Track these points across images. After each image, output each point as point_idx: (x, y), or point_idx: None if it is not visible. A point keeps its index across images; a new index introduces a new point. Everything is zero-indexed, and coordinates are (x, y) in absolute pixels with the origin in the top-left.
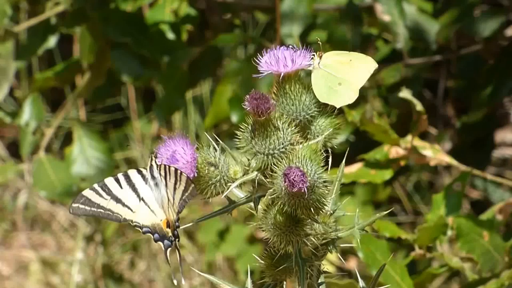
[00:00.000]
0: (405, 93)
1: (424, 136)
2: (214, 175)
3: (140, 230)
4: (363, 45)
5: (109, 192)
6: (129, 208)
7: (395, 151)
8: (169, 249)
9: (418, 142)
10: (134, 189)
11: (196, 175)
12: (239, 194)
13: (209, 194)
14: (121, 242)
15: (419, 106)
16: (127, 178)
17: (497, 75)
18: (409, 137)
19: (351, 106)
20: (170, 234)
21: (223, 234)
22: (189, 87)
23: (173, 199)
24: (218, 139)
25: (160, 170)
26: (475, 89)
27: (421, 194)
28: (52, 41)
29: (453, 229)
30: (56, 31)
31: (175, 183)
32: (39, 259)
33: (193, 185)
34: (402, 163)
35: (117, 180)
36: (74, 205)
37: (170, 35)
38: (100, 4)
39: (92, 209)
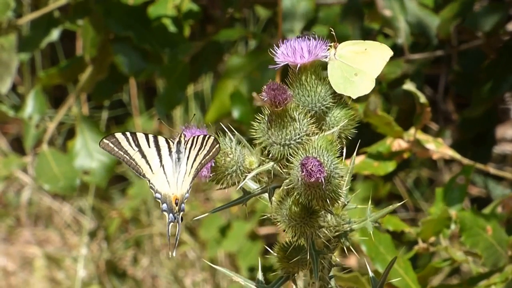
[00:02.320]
0: (409, 86)
1: (424, 131)
2: (231, 165)
3: (153, 192)
4: (364, 40)
5: (138, 144)
6: (150, 168)
7: (398, 144)
8: (171, 223)
9: (421, 136)
10: (159, 154)
11: (213, 164)
12: (252, 186)
13: (225, 184)
14: (124, 238)
15: (422, 99)
16: (156, 141)
17: (498, 70)
18: (412, 130)
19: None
20: (176, 209)
21: (224, 230)
22: (190, 81)
23: (191, 167)
24: (234, 130)
25: (187, 144)
26: (476, 84)
27: (420, 190)
28: (55, 34)
29: (456, 223)
30: (59, 25)
31: (199, 150)
32: (44, 255)
33: (218, 145)
34: (405, 155)
35: (147, 139)
36: (105, 141)
37: (172, 29)
38: None
39: (120, 152)
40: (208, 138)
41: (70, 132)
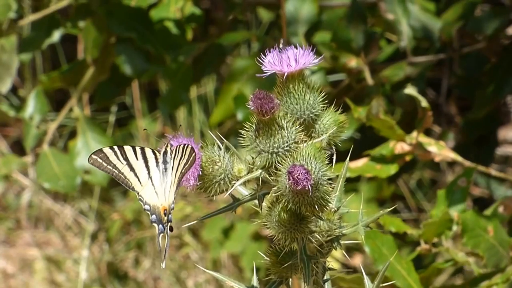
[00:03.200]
0: (410, 90)
1: (428, 134)
2: (218, 173)
3: (142, 204)
4: (367, 44)
5: (126, 158)
6: (139, 180)
7: (401, 147)
8: (161, 234)
9: (423, 138)
10: (147, 166)
11: (200, 173)
12: (243, 192)
13: (213, 192)
14: (126, 240)
15: (424, 103)
16: (143, 153)
17: (499, 73)
18: (414, 133)
19: (357, 103)
20: (165, 220)
21: (227, 231)
22: (193, 82)
23: (175, 177)
24: (223, 138)
25: (172, 153)
26: (478, 87)
27: (423, 191)
28: (56, 36)
29: (458, 224)
30: (60, 26)
31: (180, 159)
32: (44, 257)
33: (194, 154)
34: (408, 158)
35: (135, 151)
36: (94, 156)
37: (175, 32)
38: None
39: (108, 166)
40: (187, 147)
41: (71, 135)
